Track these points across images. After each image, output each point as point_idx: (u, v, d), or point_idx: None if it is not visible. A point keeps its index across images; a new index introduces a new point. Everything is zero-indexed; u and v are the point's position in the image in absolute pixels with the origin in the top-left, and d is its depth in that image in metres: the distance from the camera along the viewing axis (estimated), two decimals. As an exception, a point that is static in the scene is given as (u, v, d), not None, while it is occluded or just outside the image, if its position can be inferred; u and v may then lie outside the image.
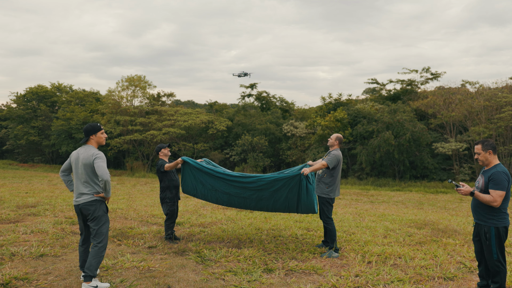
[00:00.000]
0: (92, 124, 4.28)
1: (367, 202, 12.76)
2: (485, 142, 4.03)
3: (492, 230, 3.95)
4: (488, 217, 3.97)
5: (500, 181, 3.86)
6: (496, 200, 3.87)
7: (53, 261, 5.06)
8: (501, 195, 3.86)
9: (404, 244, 6.37)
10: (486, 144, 4.02)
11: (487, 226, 3.98)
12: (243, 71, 33.80)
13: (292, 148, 25.97)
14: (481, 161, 4.06)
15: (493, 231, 3.94)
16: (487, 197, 3.93)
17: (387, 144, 20.09)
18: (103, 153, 4.20)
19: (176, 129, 25.96)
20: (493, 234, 3.94)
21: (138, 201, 11.28)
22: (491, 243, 3.95)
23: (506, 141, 20.50)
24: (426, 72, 25.87)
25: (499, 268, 3.95)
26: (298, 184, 5.45)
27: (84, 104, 31.45)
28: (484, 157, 4.03)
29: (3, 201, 10.10)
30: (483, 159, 4.03)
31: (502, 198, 3.87)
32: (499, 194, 3.86)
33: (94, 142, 4.26)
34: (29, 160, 34.96)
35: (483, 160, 4.04)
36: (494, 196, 3.89)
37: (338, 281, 4.50)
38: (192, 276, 4.62)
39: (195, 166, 5.84)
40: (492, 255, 3.96)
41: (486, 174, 3.98)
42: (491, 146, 4.00)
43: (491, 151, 4.00)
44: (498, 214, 3.93)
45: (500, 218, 3.93)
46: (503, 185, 3.85)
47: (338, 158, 5.61)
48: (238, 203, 5.99)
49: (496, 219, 3.94)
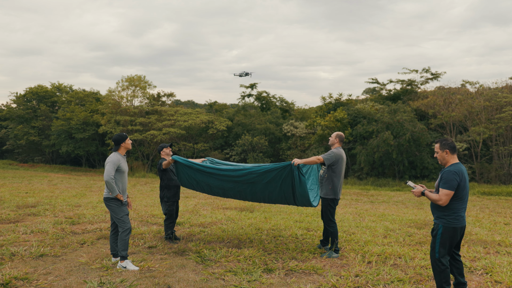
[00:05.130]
0: (120, 134, 5.03)
1: (367, 202, 12.76)
2: (443, 141, 3.96)
3: (440, 228, 3.89)
4: (439, 215, 3.92)
5: (448, 180, 3.79)
6: (441, 199, 3.81)
7: (53, 261, 5.06)
8: (447, 193, 3.79)
9: (404, 244, 6.37)
10: (444, 143, 3.95)
11: (437, 224, 3.94)
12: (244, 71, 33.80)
13: (292, 148, 25.98)
14: (439, 160, 4.00)
15: (440, 229, 3.88)
16: (434, 196, 3.89)
17: (386, 144, 20.09)
18: (117, 158, 4.86)
19: (176, 129, 25.96)
20: (440, 232, 3.88)
21: (138, 201, 11.28)
22: (435, 241, 3.90)
23: (506, 141, 20.50)
24: (426, 72, 25.89)
25: (439, 267, 3.87)
26: (291, 175, 5.36)
27: (84, 104, 31.45)
28: (441, 156, 3.96)
29: (3, 201, 10.10)
30: (440, 158, 3.97)
31: (448, 197, 3.79)
32: (444, 193, 3.80)
33: (123, 148, 5.01)
34: (29, 160, 34.98)
35: (440, 159, 3.98)
36: (440, 194, 3.84)
37: (338, 281, 4.50)
38: (192, 276, 4.62)
39: (186, 164, 5.84)
40: (434, 253, 3.91)
41: (441, 173, 3.95)
42: (448, 146, 3.92)
43: (448, 151, 3.92)
44: (449, 214, 3.85)
45: (451, 218, 3.84)
46: (450, 184, 3.77)
47: (337, 156, 5.49)
48: (234, 195, 6.03)
49: (446, 219, 3.86)
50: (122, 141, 4.99)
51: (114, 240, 5.13)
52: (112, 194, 4.83)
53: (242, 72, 33.90)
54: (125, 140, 5.02)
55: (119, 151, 4.99)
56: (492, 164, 20.60)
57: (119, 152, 4.97)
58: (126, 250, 4.87)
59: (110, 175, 4.73)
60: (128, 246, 5.19)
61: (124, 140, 5.01)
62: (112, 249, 5.16)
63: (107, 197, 4.92)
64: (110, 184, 4.74)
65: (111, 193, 4.84)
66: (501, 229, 8.00)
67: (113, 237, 5.15)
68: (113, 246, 5.15)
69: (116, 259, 5.10)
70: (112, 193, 4.82)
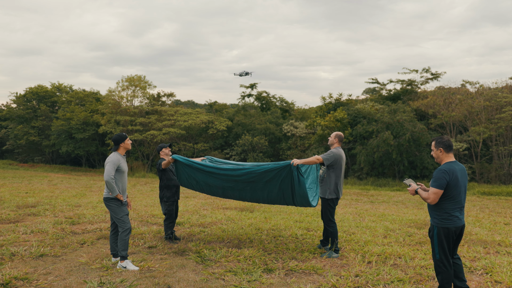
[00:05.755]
0: (119, 134, 5.04)
1: (367, 202, 12.76)
2: (438, 139, 3.92)
3: (435, 229, 3.88)
4: (433, 215, 3.90)
5: (436, 178, 3.76)
6: (429, 197, 3.79)
7: (53, 261, 5.06)
8: (435, 192, 3.75)
9: (404, 244, 6.37)
10: (438, 141, 3.91)
11: (432, 225, 3.93)
12: (244, 70, 33.86)
13: (292, 148, 25.97)
14: (435, 158, 3.98)
15: (435, 230, 3.87)
16: (423, 194, 3.88)
17: (386, 144, 20.08)
18: (117, 158, 4.87)
19: (176, 129, 25.95)
20: (435, 233, 3.87)
21: (138, 201, 11.28)
22: (433, 242, 3.89)
23: (506, 141, 20.49)
24: (426, 72, 25.89)
25: (440, 268, 3.86)
26: (290, 175, 5.36)
27: (84, 104, 31.43)
28: (436, 154, 3.94)
29: (3, 201, 10.10)
30: (435, 156, 3.95)
31: (436, 195, 3.75)
32: (432, 191, 3.77)
33: (122, 148, 5.03)
34: (29, 160, 34.97)
35: (435, 158, 3.96)
36: (428, 193, 3.82)
37: (338, 281, 4.50)
38: (192, 276, 4.62)
39: (186, 163, 5.85)
40: (434, 253, 3.90)
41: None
42: (442, 144, 3.88)
43: (442, 149, 3.88)
44: (441, 214, 3.82)
45: (443, 218, 3.81)
46: (439, 182, 3.73)
47: (336, 156, 5.48)
48: (233, 195, 6.01)
49: (438, 219, 3.84)
50: (122, 141, 5.02)
51: (114, 240, 5.15)
52: (112, 194, 4.86)
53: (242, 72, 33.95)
54: (125, 140, 5.04)
55: (119, 151, 5.01)
56: (492, 164, 20.60)
57: (118, 152, 5.00)
58: (126, 250, 4.88)
59: (110, 175, 4.76)
60: (128, 246, 5.19)
61: (124, 140, 5.03)
62: (112, 249, 5.17)
63: (107, 197, 4.94)
64: (110, 184, 4.76)
65: (111, 193, 4.87)
66: (501, 229, 8.00)
67: (113, 237, 5.16)
68: (113, 246, 5.15)
69: (116, 259, 5.10)
70: (112, 193, 4.85)
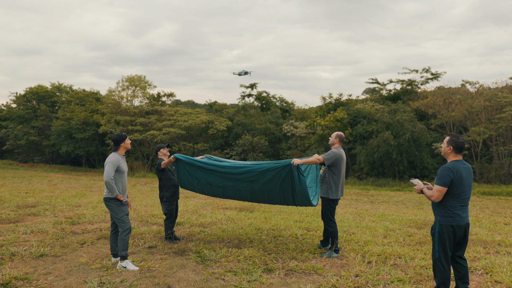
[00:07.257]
0: (119, 134, 5.04)
1: (367, 202, 12.76)
2: (453, 137, 3.89)
3: (436, 226, 3.87)
4: (436, 212, 3.90)
5: (441, 176, 3.77)
6: (433, 195, 3.80)
7: (53, 261, 5.06)
8: (439, 189, 3.75)
9: (404, 244, 6.37)
10: (452, 139, 3.88)
11: (435, 222, 3.93)
12: (243, 70, 33.88)
13: (292, 148, 25.98)
14: (442, 153, 3.97)
15: (437, 227, 3.86)
16: (428, 192, 3.88)
17: (386, 144, 20.09)
18: (117, 158, 4.88)
19: (176, 129, 25.96)
20: (436, 230, 3.86)
21: (138, 201, 11.28)
22: (434, 239, 3.88)
23: (506, 141, 20.49)
24: (427, 72, 25.90)
25: (438, 267, 3.84)
26: (290, 175, 5.36)
27: (84, 104, 31.45)
28: (444, 150, 3.93)
29: (3, 201, 10.10)
30: (443, 151, 3.94)
31: (440, 193, 3.76)
32: (436, 189, 3.78)
33: (122, 148, 5.03)
34: (29, 160, 34.99)
35: (443, 153, 3.95)
36: (433, 190, 3.82)
37: (338, 281, 4.50)
38: (192, 276, 4.62)
39: (188, 161, 5.85)
40: (434, 252, 3.89)
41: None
42: (454, 144, 3.85)
43: (452, 148, 3.86)
44: (444, 211, 3.82)
45: (446, 215, 3.80)
46: (443, 180, 3.73)
47: (337, 156, 5.48)
48: (233, 195, 5.99)
49: (441, 216, 3.84)
50: (122, 141, 5.02)
51: (114, 240, 5.15)
52: (112, 194, 4.86)
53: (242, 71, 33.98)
54: (125, 140, 5.05)
55: (119, 151, 5.01)
56: (492, 164, 20.60)
57: (118, 152, 5.00)
58: (126, 250, 4.88)
59: (110, 176, 4.76)
60: (128, 246, 5.20)
61: (124, 140, 5.04)
62: (112, 249, 5.17)
63: (107, 197, 4.94)
64: (110, 184, 4.76)
65: (111, 194, 4.87)
66: (501, 229, 8.00)
67: (113, 237, 5.16)
68: (113, 246, 5.15)
69: (116, 259, 5.10)
70: (112, 194, 4.85)
